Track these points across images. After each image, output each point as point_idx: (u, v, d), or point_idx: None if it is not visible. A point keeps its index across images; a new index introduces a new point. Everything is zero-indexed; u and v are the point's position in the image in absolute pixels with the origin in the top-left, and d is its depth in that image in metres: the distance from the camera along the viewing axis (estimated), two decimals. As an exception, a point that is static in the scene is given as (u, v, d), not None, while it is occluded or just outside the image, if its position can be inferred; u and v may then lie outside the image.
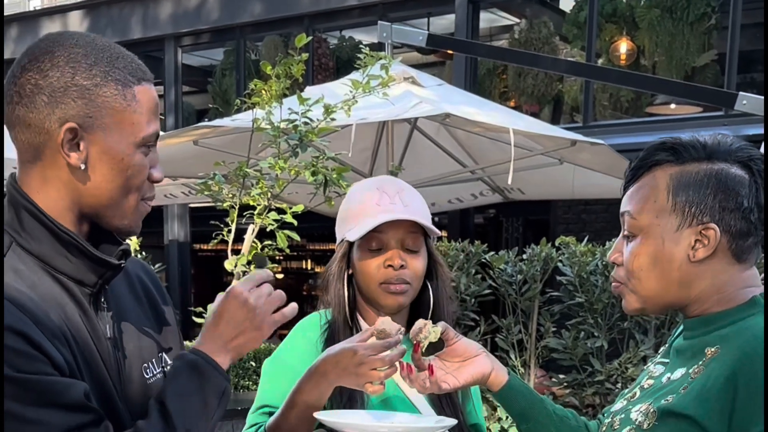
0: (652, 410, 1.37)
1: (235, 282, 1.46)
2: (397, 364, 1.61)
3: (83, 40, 1.34)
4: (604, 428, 1.53)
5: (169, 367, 1.48)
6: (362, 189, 1.93)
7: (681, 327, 1.52)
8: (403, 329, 1.65)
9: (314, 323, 1.92)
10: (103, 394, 1.34)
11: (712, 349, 1.36)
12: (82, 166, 1.31)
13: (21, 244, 1.32)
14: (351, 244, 1.88)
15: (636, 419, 1.39)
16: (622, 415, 1.45)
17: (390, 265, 1.83)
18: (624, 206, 1.48)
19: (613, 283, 1.54)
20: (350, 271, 1.90)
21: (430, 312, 1.89)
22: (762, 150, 4.73)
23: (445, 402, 1.86)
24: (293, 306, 1.46)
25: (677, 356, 1.46)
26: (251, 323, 1.39)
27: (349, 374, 1.60)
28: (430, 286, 1.90)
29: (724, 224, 1.37)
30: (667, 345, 1.54)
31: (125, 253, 1.41)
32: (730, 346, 1.34)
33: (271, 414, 1.77)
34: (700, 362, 1.37)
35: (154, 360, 1.47)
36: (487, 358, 1.67)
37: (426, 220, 1.86)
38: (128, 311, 1.46)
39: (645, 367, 1.55)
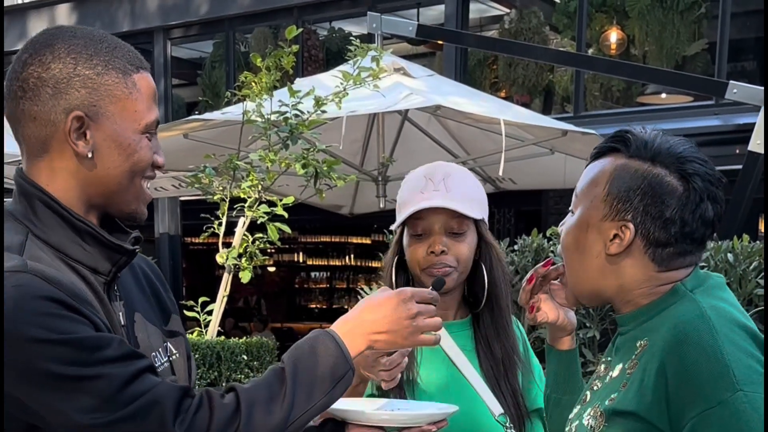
0: (599, 412, 1.39)
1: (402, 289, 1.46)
2: (405, 359, 1.57)
3: (81, 32, 1.37)
4: None
5: (175, 357, 1.51)
6: (413, 177, 1.97)
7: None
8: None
9: None
10: None
11: (643, 342, 1.39)
12: (90, 155, 1.33)
13: (37, 234, 1.33)
14: (402, 231, 1.95)
15: (588, 424, 1.41)
16: (577, 422, 1.47)
17: (432, 252, 1.88)
18: (577, 182, 1.51)
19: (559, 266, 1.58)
20: (401, 257, 1.96)
21: (486, 293, 1.93)
22: (751, 142, 4.65)
23: (504, 387, 1.90)
24: (438, 337, 1.47)
25: (616, 353, 1.48)
26: (401, 329, 1.41)
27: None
28: (484, 268, 1.93)
29: (643, 228, 1.39)
30: (610, 344, 1.56)
31: (137, 240, 1.44)
32: (655, 337, 1.36)
33: None
34: (633, 356, 1.39)
35: (160, 349, 1.49)
36: (574, 318, 1.73)
37: (468, 204, 1.89)
38: (136, 301, 1.48)
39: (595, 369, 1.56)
